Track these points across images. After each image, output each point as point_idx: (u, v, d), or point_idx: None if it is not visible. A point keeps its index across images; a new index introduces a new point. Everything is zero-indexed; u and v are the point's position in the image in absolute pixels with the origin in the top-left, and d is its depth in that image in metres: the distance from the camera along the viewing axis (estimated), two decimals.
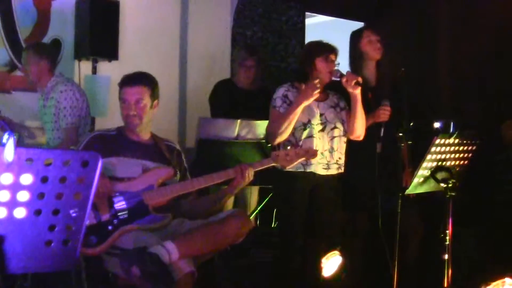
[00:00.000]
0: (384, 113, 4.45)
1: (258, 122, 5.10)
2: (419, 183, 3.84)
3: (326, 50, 4.46)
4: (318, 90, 4.24)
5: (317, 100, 4.42)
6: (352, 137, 4.49)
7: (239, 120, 5.10)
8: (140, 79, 3.85)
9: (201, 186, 3.82)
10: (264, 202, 5.57)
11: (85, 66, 6.07)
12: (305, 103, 4.28)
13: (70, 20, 6.08)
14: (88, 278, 3.50)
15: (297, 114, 4.29)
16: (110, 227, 3.54)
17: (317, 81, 4.25)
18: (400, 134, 4.25)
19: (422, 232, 4.66)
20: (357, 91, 4.30)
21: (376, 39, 4.69)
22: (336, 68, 4.43)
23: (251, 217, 5.31)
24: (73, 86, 5.00)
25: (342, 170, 4.49)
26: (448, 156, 3.78)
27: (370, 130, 4.49)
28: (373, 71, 4.73)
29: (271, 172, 4.24)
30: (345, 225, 4.67)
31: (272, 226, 5.74)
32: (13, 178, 1.95)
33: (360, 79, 4.27)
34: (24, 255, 2.11)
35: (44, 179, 2.01)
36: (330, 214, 4.50)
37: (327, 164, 4.41)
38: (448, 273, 3.76)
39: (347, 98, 4.45)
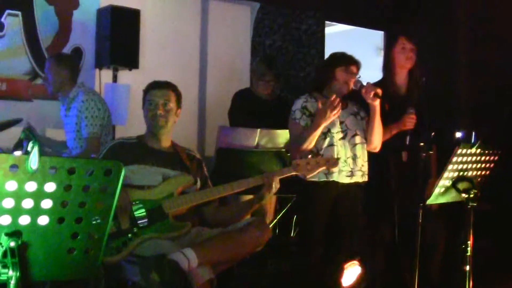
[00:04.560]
0: (410, 121, 4.42)
1: (278, 131, 5.09)
2: (440, 193, 3.81)
3: (347, 61, 4.45)
4: (337, 108, 4.20)
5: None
6: (369, 149, 4.46)
7: (259, 129, 5.09)
8: (168, 85, 3.94)
9: (221, 195, 3.83)
10: (283, 211, 5.55)
11: (106, 75, 6.10)
12: (325, 123, 4.25)
13: (91, 29, 6.12)
14: (107, 286, 3.50)
15: (318, 134, 4.27)
16: (130, 235, 3.55)
17: (333, 97, 4.22)
18: (422, 144, 4.22)
19: (444, 243, 4.63)
20: (376, 103, 4.28)
21: (410, 47, 4.63)
22: (356, 77, 4.41)
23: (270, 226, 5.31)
24: (95, 96, 5.04)
25: (366, 178, 4.46)
26: (469, 166, 3.75)
27: (396, 138, 4.46)
28: (404, 79, 4.69)
29: (291, 181, 4.23)
30: (367, 235, 4.64)
31: (291, 235, 5.73)
32: (36, 186, 1.96)
33: (379, 91, 4.25)
34: (46, 262, 2.12)
35: (67, 188, 2.02)
36: (352, 224, 4.48)
37: (351, 171, 4.39)
38: (469, 284, 3.73)
39: (366, 109, 4.43)
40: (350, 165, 4.39)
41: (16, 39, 5.85)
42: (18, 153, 1.90)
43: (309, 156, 4.05)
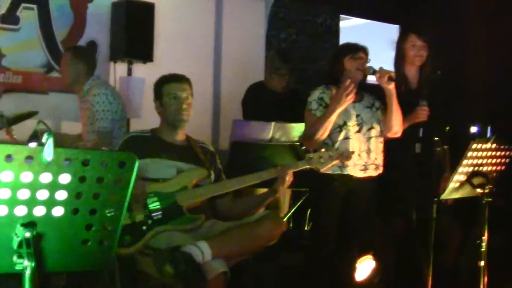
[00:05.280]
0: (422, 113, 4.40)
1: (292, 124, 5.10)
2: (454, 188, 3.79)
3: (352, 48, 4.45)
4: (351, 94, 4.20)
5: (352, 101, 4.40)
6: (390, 135, 4.43)
7: (273, 123, 5.10)
8: (186, 78, 3.97)
9: (235, 188, 3.84)
10: (297, 204, 5.55)
11: (121, 68, 6.12)
12: (340, 109, 4.24)
13: (105, 23, 6.14)
14: (121, 277, 3.52)
15: (333, 120, 4.26)
16: (144, 227, 3.56)
17: (348, 82, 4.22)
18: (436, 138, 4.20)
19: (458, 238, 4.61)
20: (391, 86, 4.25)
21: (421, 45, 4.59)
22: (368, 65, 4.40)
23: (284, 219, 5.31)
24: (107, 90, 5.02)
25: (380, 170, 4.44)
26: (484, 161, 3.73)
27: (408, 130, 4.44)
28: (414, 74, 4.67)
29: (305, 175, 4.23)
30: (380, 229, 4.64)
31: (305, 229, 5.73)
32: (51, 178, 1.97)
33: (393, 74, 4.22)
34: (61, 253, 2.13)
35: (82, 179, 2.03)
36: (365, 218, 4.47)
37: (364, 165, 4.38)
38: (484, 280, 3.71)
39: (382, 99, 4.42)
40: (364, 159, 4.38)
41: (32, 33, 5.88)
42: (33, 144, 1.91)
43: (323, 149, 4.05)
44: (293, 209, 5.58)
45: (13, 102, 5.70)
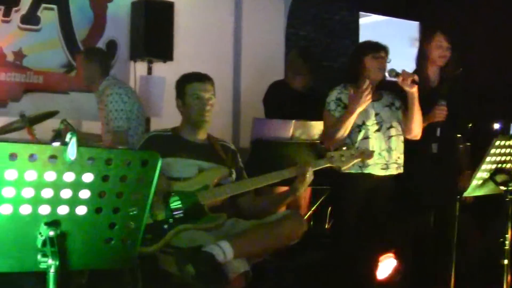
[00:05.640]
0: (440, 113, 4.37)
1: (313, 122, 5.08)
2: (477, 185, 3.75)
3: (374, 47, 4.42)
4: (370, 94, 4.19)
5: (371, 99, 4.38)
6: (409, 137, 4.42)
7: (294, 121, 5.09)
8: (209, 78, 3.95)
9: (256, 186, 3.83)
10: (318, 203, 5.54)
11: (141, 67, 6.14)
12: (360, 109, 4.23)
13: (125, 22, 6.16)
14: (142, 276, 3.53)
15: (352, 121, 4.25)
16: (165, 226, 3.56)
17: (366, 83, 4.20)
18: (458, 136, 4.17)
19: (480, 235, 4.58)
20: (414, 90, 4.23)
21: (446, 46, 4.55)
22: (388, 65, 4.38)
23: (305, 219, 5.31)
24: (120, 89, 4.99)
25: (401, 170, 4.42)
26: (508, 158, 3.70)
27: (426, 130, 4.42)
28: (436, 72, 4.63)
29: (327, 173, 4.22)
30: (401, 227, 4.61)
31: (326, 227, 5.71)
32: (75, 177, 1.98)
33: (416, 77, 4.20)
34: (84, 252, 2.14)
35: (105, 178, 2.03)
36: (386, 217, 4.46)
37: (385, 164, 4.36)
38: (507, 278, 3.68)
39: (402, 98, 4.40)
40: (385, 157, 4.36)
41: (52, 33, 5.92)
42: (56, 144, 1.92)
43: (344, 148, 4.04)
44: (314, 207, 5.56)
45: (34, 102, 5.74)
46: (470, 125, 4.22)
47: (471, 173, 3.80)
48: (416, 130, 4.37)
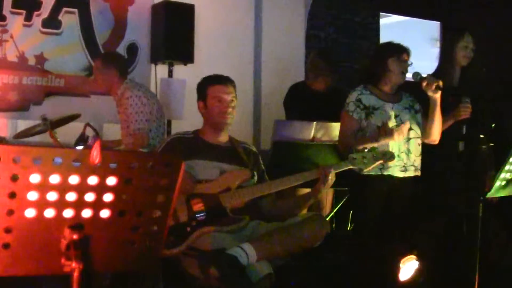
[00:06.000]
0: (465, 111, 4.35)
1: (334, 124, 5.06)
2: (501, 186, 3.72)
3: (397, 50, 4.40)
4: (403, 136, 4.22)
5: (391, 101, 4.37)
6: (428, 141, 4.41)
7: (315, 122, 5.08)
8: (231, 81, 3.95)
9: (278, 188, 3.83)
10: (339, 204, 5.52)
11: (161, 70, 6.16)
12: (386, 142, 4.24)
13: (146, 25, 6.19)
14: (165, 278, 3.53)
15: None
16: (188, 229, 3.56)
17: (406, 127, 4.24)
18: (481, 136, 4.15)
19: (505, 237, 4.54)
20: (437, 95, 4.21)
21: (472, 47, 4.56)
22: (409, 68, 4.36)
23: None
24: (139, 91, 5.01)
25: (419, 173, 4.42)
26: None
27: (452, 128, 4.39)
28: (458, 72, 4.63)
29: (348, 175, 4.20)
30: (424, 229, 4.59)
31: (348, 229, 5.69)
32: (98, 180, 1.98)
33: (440, 83, 4.18)
34: (107, 254, 2.14)
35: (128, 181, 2.04)
36: (407, 217, 4.44)
37: (404, 166, 4.35)
38: None
39: (421, 101, 4.37)
40: (404, 159, 4.35)
41: (73, 36, 5.96)
42: (80, 147, 1.93)
43: (366, 150, 4.02)
44: (335, 209, 5.55)
45: (55, 105, 5.78)
46: (493, 125, 4.19)
47: (494, 174, 3.78)
48: (435, 135, 4.36)
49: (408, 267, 4.38)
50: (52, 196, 1.95)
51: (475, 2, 7.38)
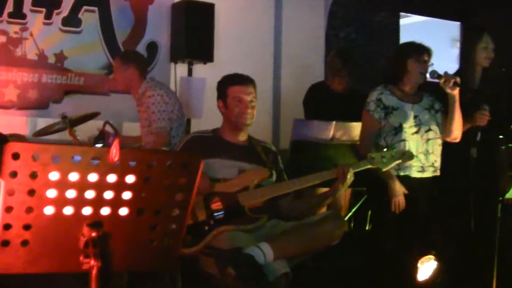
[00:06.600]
0: (482, 118, 4.31)
1: (353, 124, 5.04)
2: None
3: (418, 50, 4.38)
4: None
5: (411, 102, 4.35)
6: (449, 139, 4.39)
7: (334, 122, 5.06)
8: (251, 80, 3.93)
9: (296, 188, 3.82)
10: (358, 204, 5.51)
11: (181, 69, 6.16)
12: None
13: (166, 24, 6.19)
14: (183, 277, 3.54)
15: None
16: (206, 227, 3.57)
17: (401, 204, 4.28)
18: (501, 136, 4.12)
19: None
20: (456, 92, 4.19)
21: (492, 48, 4.53)
22: (430, 68, 4.34)
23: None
24: (161, 90, 4.99)
25: (438, 173, 4.39)
26: None
27: (466, 134, 4.37)
28: (478, 74, 4.59)
29: (366, 174, 4.19)
30: (442, 229, 4.57)
31: (366, 228, 5.67)
32: (117, 178, 1.99)
33: (458, 80, 4.16)
34: (126, 253, 2.15)
35: (147, 180, 2.04)
36: (424, 218, 4.42)
37: (421, 167, 4.33)
38: None
39: (442, 100, 4.35)
40: (422, 160, 4.33)
41: (93, 35, 5.98)
42: (99, 145, 1.94)
43: (385, 149, 4.00)
44: (354, 209, 5.53)
45: (75, 104, 5.80)
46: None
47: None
48: (456, 132, 4.33)
49: (426, 267, 4.36)
50: (71, 193, 1.97)
51: (495, 2, 7.33)
